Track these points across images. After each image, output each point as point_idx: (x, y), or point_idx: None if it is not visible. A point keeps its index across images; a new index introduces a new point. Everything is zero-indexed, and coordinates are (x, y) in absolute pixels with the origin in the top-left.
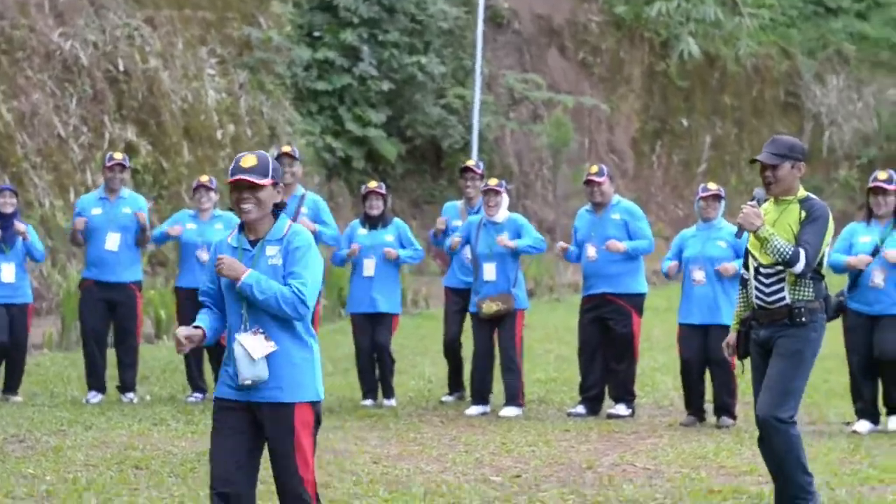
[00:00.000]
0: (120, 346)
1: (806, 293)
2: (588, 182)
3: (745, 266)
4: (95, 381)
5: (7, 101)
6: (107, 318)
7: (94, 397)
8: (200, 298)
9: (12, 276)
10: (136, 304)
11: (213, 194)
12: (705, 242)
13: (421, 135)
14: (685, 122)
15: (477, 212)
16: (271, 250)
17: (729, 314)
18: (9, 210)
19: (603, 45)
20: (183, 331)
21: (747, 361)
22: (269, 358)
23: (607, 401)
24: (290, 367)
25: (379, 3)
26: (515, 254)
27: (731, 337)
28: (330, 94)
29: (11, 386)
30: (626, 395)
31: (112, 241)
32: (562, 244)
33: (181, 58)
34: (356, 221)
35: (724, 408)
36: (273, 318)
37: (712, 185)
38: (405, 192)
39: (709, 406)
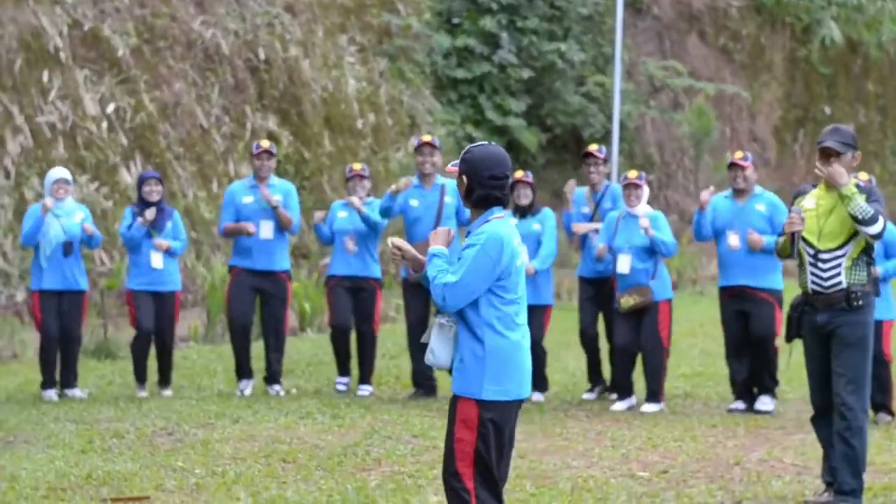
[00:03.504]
0: (270, 335)
1: (861, 277)
2: (732, 165)
3: (799, 253)
4: (245, 370)
5: (150, 91)
6: (254, 307)
7: (246, 387)
8: None
9: (160, 262)
10: (287, 293)
11: (366, 182)
12: None
13: (561, 124)
14: (828, 110)
15: (601, 197)
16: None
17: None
18: (155, 198)
19: (744, 31)
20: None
21: (796, 344)
22: (450, 347)
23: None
24: (460, 361)
25: None
26: (652, 248)
27: None
28: (469, 82)
29: (164, 379)
30: (769, 385)
31: (266, 230)
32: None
33: (321, 46)
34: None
35: (882, 404)
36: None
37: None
38: (546, 183)
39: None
